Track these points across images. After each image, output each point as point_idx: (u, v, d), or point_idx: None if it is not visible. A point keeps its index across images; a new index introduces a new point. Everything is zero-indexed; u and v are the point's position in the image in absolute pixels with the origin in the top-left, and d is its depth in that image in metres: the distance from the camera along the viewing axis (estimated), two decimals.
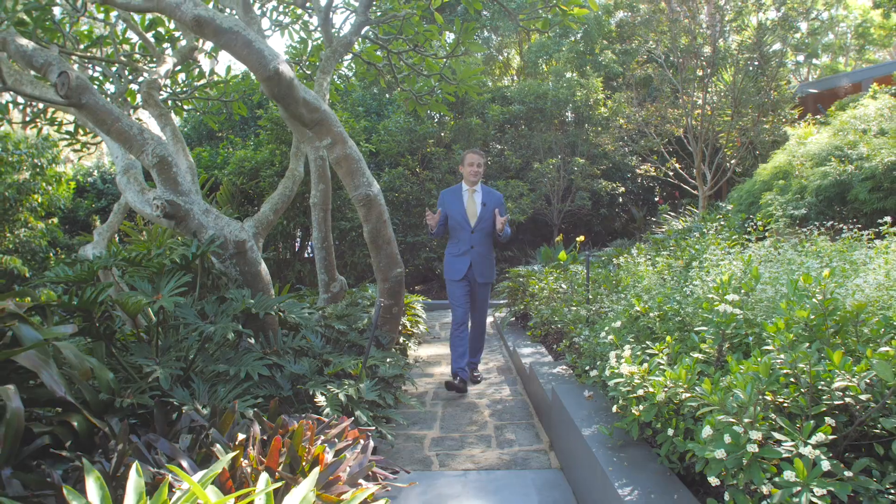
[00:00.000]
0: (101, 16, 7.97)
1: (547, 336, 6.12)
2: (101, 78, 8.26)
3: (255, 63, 4.02)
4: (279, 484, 1.99)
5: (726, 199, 8.07)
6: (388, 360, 4.30)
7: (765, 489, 1.76)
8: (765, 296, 2.72)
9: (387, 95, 16.16)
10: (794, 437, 1.83)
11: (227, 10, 6.61)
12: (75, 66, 7.32)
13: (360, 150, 11.41)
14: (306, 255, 13.59)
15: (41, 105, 8.22)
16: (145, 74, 7.58)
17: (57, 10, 7.60)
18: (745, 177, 10.49)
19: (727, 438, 1.80)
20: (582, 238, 8.97)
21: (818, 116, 10.29)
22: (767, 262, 3.60)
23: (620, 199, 15.42)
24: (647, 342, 2.85)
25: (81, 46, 7.71)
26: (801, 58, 29.12)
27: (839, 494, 1.66)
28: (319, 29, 7.66)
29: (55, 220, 11.21)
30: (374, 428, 3.34)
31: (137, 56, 8.34)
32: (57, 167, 11.19)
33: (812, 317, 2.31)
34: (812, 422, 1.86)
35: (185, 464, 2.38)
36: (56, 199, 10.95)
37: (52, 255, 10.78)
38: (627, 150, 13.48)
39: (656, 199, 16.66)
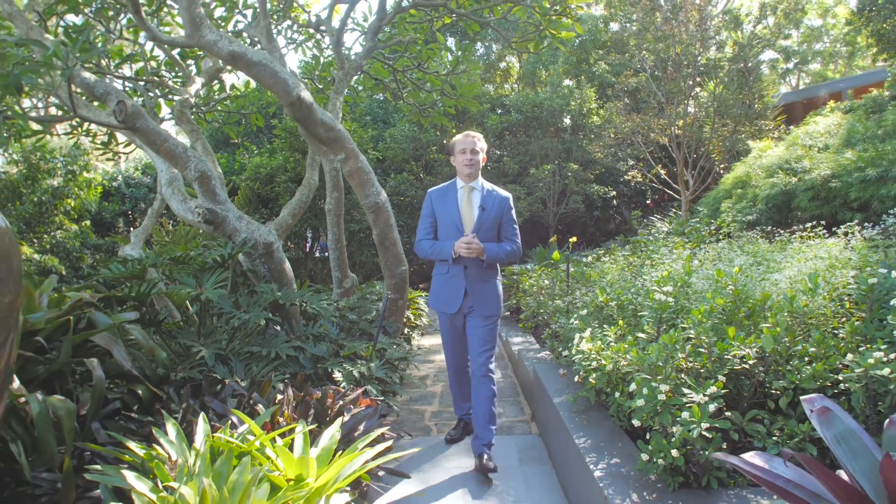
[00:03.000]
0: (130, 36, 8.56)
1: (536, 328, 6.68)
2: (128, 92, 8.86)
3: (280, 90, 4.60)
4: (313, 426, 2.56)
5: (699, 204, 8.63)
6: (394, 345, 4.88)
7: (672, 429, 2.32)
8: (699, 287, 3.28)
9: (393, 103, 16.76)
10: (696, 390, 2.39)
11: (246, 36, 7.20)
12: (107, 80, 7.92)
13: (368, 158, 11.94)
14: (316, 255, 14.21)
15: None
16: (170, 87, 8.17)
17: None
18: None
19: (645, 391, 2.37)
20: (574, 239, 9.51)
21: (785, 128, 10.86)
22: (718, 260, 4.16)
23: (615, 202, 15.99)
24: (605, 325, 3.42)
25: (113, 63, 8.30)
26: (790, 65, 29.61)
27: (723, 426, 2.23)
28: (331, 49, 8.24)
29: (87, 222, 11.81)
30: (382, 399, 3.91)
31: (164, 71, 8.92)
32: (87, 174, 11.82)
33: (728, 303, 2.88)
34: (713, 380, 2.42)
35: (234, 419, 2.95)
36: (87, 203, 11.57)
37: (85, 255, 11.37)
38: (620, 154, 14.06)
39: (648, 201, 17.22)
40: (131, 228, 14.85)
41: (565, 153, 14.77)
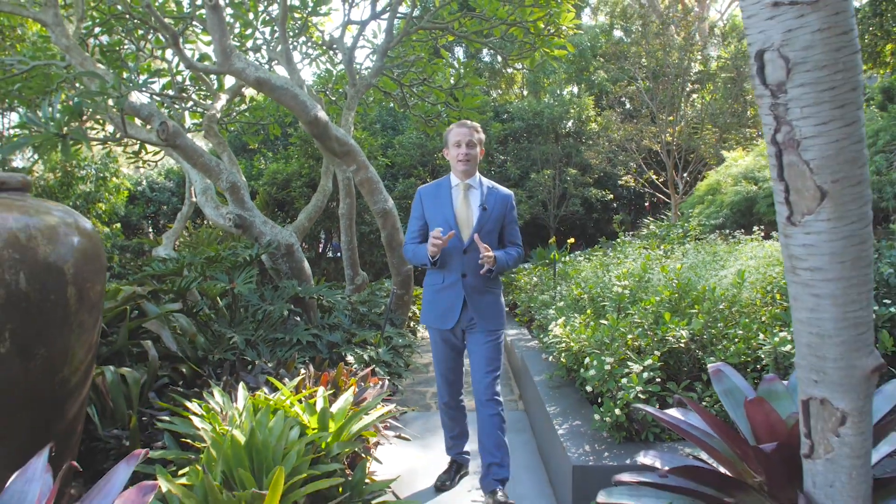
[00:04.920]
0: (157, 52, 9.18)
1: (531, 321, 7.23)
2: (156, 104, 9.49)
3: (299, 111, 5.18)
4: (331, 391, 3.13)
5: (678, 209, 9.16)
6: (400, 335, 5.44)
7: (617, 394, 2.87)
8: (655, 281, 3.82)
9: (401, 111, 17.34)
10: (637, 363, 2.94)
11: (264, 51, 7.79)
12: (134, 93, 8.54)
13: (377, 164, 12.52)
14: (328, 255, 14.83)
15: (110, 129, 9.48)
16: (194, 101, 8.79)
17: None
18: None
19: (595, 363, 2.92)
20: (572, 240, 10.05)
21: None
22: (684, 258, 4.70)
23: (614, 205, 16.52)
24: (577, 314, 3.96)
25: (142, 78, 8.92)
26: None
27: (654, 390, 2.78)
28: (343, 65, 8.82)
29: (118, 225, 12.46)
30: (388, 379, 4.48)
31: (188, 84, 9.53)
32: (116, 179, 12.49)
33: (674, 295, 3.43)
34: (650, 356, 2.97)
35: (265, 390, 3.53)
36: (116, 206, 12.24)
37: (115, 255, 12.02)
38: (617, 160, 14.58)
39: (646, 204, 17.71)
40: (150, 229, 15.55)
41: (565, 158, 15.31)
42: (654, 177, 12.73)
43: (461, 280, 3.11)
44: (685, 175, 12.37)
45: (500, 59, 22.83)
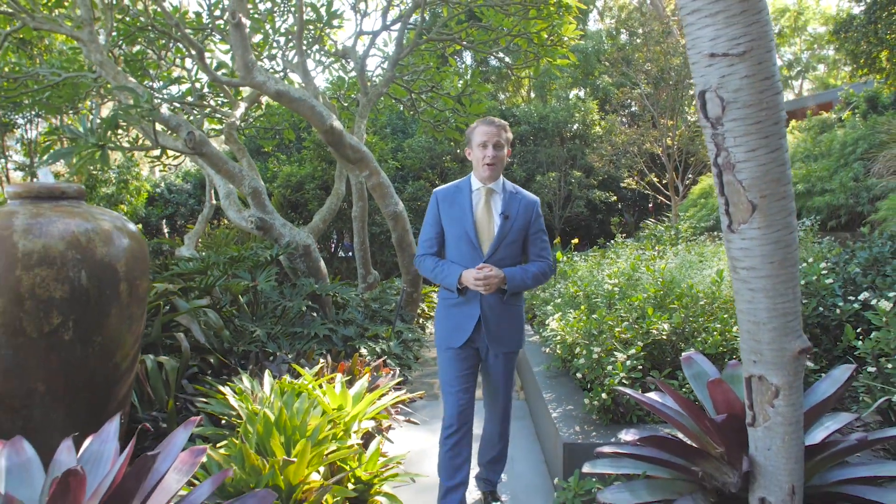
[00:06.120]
0: (178, 61, 9.55)
1: (533, 318, 7.53)
2: (176, 110, 9.86)
3: (316, 120, 5.50)
4: (347, 378, 3.45)
5: (678, 211, 9.43)
6: (409, 330, 5.76)
7: (605, 380, 3.17)
8: (644, 280, 4.12)
9: (410, 114, 17.68)
10: (623, 352, 3.24)
11: (279, 59, 8.13)
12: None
13: (387, 166, 12.83)
14: (339, 255, 15.20)
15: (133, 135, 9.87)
16: (212, 106, 9.14)
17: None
18: None
19: (584, 353, 3.22)
20: (577, 241, 10.34)
21: None
22: (675, 258, 4.99)
23: (619, 206, 16.79)
24: (572, 310, 4.27)
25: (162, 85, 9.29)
26: (793, 72, 30.02)
27: (637, 377, 3.08)
28: (356, 73, 9.15)
29: (139, 226, 12.85)
30: (399, 370, 4.80)
31: (206, 91, 9.89)
32: (136, 182, 12.89)
33: (659, 292, 3.72)
34: (633, 346, 3.27)
35: (288, 377, 3.85)
36: (137, 208, 12.64)
37: None
38: (620, 162, 14.85)
39: (650, 205, 17.96)
40: (167, 229, 15.97)
41: (570, 161, 15.59)
42: (655, 179, 13.00)
43: (479, 296, 2.72)
44: (688, 177, 12.63)
45: (506, 62, 23.18)
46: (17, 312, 2.47)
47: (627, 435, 2.62)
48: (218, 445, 2.68)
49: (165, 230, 16.00)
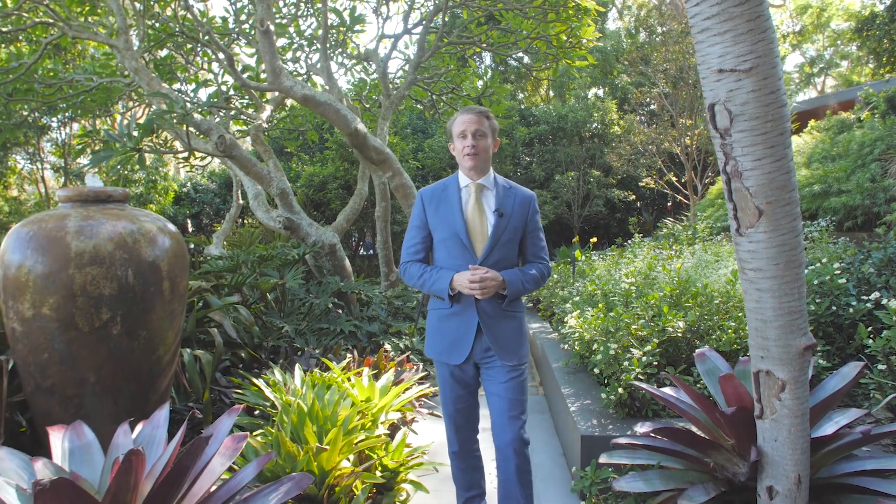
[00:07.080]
0: (204, 65, 9.77)
1: (552, 315, 7.62)
2: (203, 112, 10.10)
3: (341, 123, 5.66)
4: (373, 372, 3.59)
5: (696, 210, 9.44)
6: None
7: (621, 375, 3.28)
8: (661, 279, 4.20)
9: (430, 114, 17.83)
10: (639, 349, 3.34)
11: (303, 61, 8.31)
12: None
13: (409, 166, 12.99)
14: (361, 253, 15.40)
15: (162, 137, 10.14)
16: (237, 108, 9.36)
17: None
18: None
19: (602, 349, 3.33)
20: (595, 239, 10.40)
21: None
22: (691, 258, 5.06)
23: (638, 205, 16.79)
24: (590, 308, 4.36)
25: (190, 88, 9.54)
26: (815, 69, 29.59)
27: (652, 372, 3.18)
28: (378, 76, 9.32)
29: None
30: (421, 365, 4.93)
31: (232, 93, 10.12)
32: (164, 182, 13.20)
33: (675, 291, 3.81)
34: (649, 343, 3.37)
35: (317, 370, 4.01)
36: (165, 208, 12.94)
37: None
38: (639, 162, 14.86)
39: (668, 204, 17.91)
40: (192, 228, 16.30)
41: (589, 160, 15.61)
42: (673, 178, 12.99)
43: (473, 303, 2.42)
44: (707, 175, 12.60)
45: (526, 60, 23.24)
46: (70, 308, 2.65)
47: (643, 427, 2.72)
48: (254, 434, 2.84)
49: (190, 228, 16.32)
